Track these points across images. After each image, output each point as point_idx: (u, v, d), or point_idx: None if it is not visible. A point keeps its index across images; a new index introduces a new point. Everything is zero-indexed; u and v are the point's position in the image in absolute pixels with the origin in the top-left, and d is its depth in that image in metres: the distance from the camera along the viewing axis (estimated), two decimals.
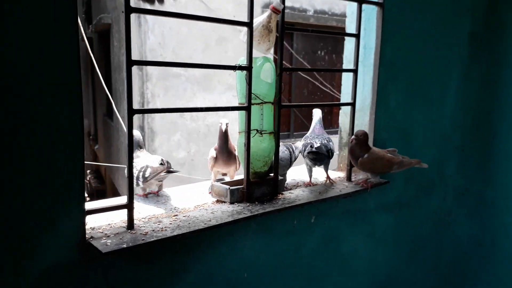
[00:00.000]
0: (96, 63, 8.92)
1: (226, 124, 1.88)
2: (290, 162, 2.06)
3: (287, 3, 7.35)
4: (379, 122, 2.28)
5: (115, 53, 7.35)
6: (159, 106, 5.78)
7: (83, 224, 1.37)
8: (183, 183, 2.19)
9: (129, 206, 1.49)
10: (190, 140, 6.14)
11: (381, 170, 2.12)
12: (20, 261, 1.26)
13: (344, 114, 2.36)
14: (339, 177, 2.33)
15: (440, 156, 2.75)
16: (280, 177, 1.94)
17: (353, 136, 2.03)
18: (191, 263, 1.65)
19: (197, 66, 1.59)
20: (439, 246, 2.92)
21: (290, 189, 2.06)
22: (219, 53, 6.52)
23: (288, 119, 7.95)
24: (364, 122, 2.30)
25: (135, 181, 1.72)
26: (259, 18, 1.76)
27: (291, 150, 2.09)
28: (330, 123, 7.87)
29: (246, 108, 1.73)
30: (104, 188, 9.80)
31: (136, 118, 6.20)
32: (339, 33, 2.40)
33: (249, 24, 1.68)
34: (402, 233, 2.64)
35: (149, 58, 5.79)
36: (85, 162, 1.51)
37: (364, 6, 2.21)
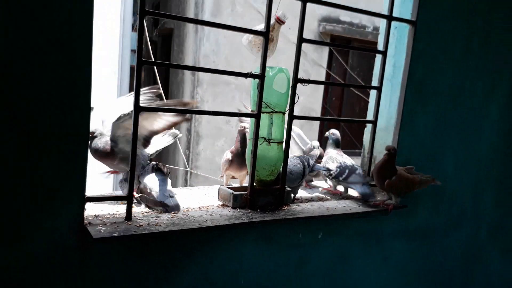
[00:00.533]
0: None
1: (245, 127, 1.91)
2: (302, 176, 2.03)
3: (346, 18, 7.24)
4: (403, 143, 2.19)
5: (174, 57, 7.68)
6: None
7: (82, 210, 1.45)
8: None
9: (129, 198, 1.56)
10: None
11: (405, 190, 2.06)
12: (22, 239, 1.36)
13: (369, 132, 2.30)
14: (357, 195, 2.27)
15: (475, 186, 2.59)
16: (288, 189, 1.93)
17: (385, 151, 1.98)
18: (185, 262, 1.68)
19: (207, 70, 1.64)
20: (466, 284, 2.73)
21: (301, 202, 2.04)
22: (271, 64, 6.60)
23: None
24: (387, 142, 2.23)
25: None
26: (261, 26, 1.76)
27: (305, 164, 2.06)
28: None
29: (255, 116, 1.75)
30: None
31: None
32: (366, 50, 2.37)
33: (265, 34, 1.70)
34: (423, 264, 2.50)
35: (202, 64, 5.99)
36: None
37: (396, 24, 2.16)
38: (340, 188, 2.24)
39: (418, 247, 2.43)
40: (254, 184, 1.83)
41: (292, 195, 2.02)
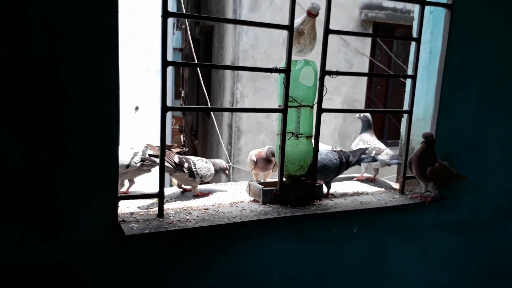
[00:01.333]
0: (202, 62, 9.53)
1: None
2: (336, 171, 1.99)
3: (389, 4, 6.98)
4: (442, 134, 2.10)
5: (215, 54, 7.78)
6: (247, 106, 5.98)
7: (116, 207, 1.52)
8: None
9: (160, 195, 1.61)
10: (275, 140, 6.24)
11: (444, 181, 2.01)
12: (61, 233, 1.44)
13: (406, 122, 2.22)
14: (395, 188, 2.21)
15: None
16: (320, 183, 1.91)
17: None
18: (215, 257, 1.71)
19: (229, 68, 1.64)
20: None
21: (335, 196, 2.02)
22: (311, 56, 6.53)
23: (382, 126, 7.61)
24: (425, 132, 2.13)
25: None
26: (295, 21, 1.74)
27: (343, 160, 2.01)
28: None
29: (282, 111, 1.74)
30: None
31: (226, 116, 6.50)
32: (399, 37, 2.28)
33: (289, 28, 1.68)
34: (468, 257, 2.38)
35: (241, 59, 6.03)
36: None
37: (432, 8, 2.07)
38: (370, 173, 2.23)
39: (461, 240, 2.32)
40: (284, 179, 1.83)
41: (326, 189, 2.00)
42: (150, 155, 1.80)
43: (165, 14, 1.48)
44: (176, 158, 1.83)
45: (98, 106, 1.41)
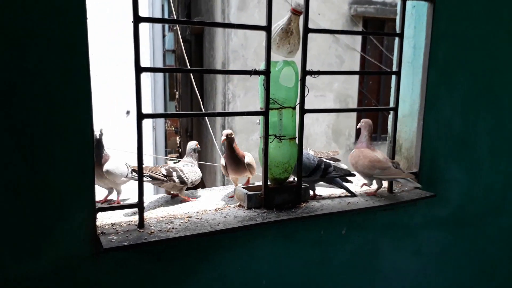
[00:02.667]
0: (193, 63, 9.52)
1: (226, 135, 1.87)
2: (311, 171, 1.93)
3: None
4: (429, 129, 2.06)
5: (206, 54, 7.74)
6: (239, 106, 5.95)
7: (94, 219, 1.48)
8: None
9: (140, 206, 1.57)
10: None
11: (361, 170, 1.98)
12: (36, 249, 1.40)
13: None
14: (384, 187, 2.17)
15: None
16: (305, 185, 1.87)
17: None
18: (199, 266, 1.67)
19: (212, 72, 1.60)
20: None
21: (322, 198, 1.98)
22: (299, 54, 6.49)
23: (375, 121, 7.58)
24: (412, 128, 2.11)
25: None
26: (280, 22, 1.71)
27: (321, 165, 1.93)
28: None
29: (263, 113, 1.70)
30: None
31: (219, 117, 6.46)
32: (381, 33, 2.24)
33: (267, 28, 1.64)
34: (462, 253, 2.36)
35: (231, 59, 5.98)
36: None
37: (414, 2, 2.04)
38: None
39: (453, 237, 2.29)
40: (269, 183, 1.79)
41: (311, 191, 1.96)
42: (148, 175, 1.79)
43: (136, 19, 1.44)
44: (163, 170, 1.82)
45: (71, 115, 1.37)
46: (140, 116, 1.51)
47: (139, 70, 1.47)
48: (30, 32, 1.26)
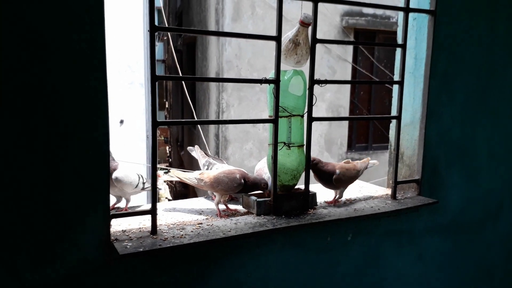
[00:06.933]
0: (184, 73, 9.54)
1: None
2: None
3: (369, 11, 7.10)
4: (431, 138, 2.12)
5: (199, 64, 7.77)
6: (233, 115, 5.98)
7: (108, 226, 1.48)
8: None
9: (152, 212, 1.58)
10: (262, 149, 6.25)
11: (350, 182, 2.06)
12: (53, 256, 1.40)
13: (394, 128, 2.24)
14: (386, 194, 2.21)
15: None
16: (313, 192, 1.91)
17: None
18: (212, 272, 1.69)
19: (222, 80, 1.64)
20: (510, 277, 2.61)
21: (328, 205, 2.01)
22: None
23: (367, 131, 7.69)
24: (414, 137, 2.16)
25: None
26: (289, 33, 1.75)
27: None
28: None
29: (273, 121, 1.73)
30: (187, 192, 10.37)
31: (212, 126, 6.48)
32: (384, 44, 2.30)
33: (277, 38, 1.69)
34: (462, 259, 2.41)
35: (225, 69, 6.03)
36: (171, 168, 1.63)
37: (416, 14, 2.10)
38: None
39: (455, 242, 2.34)
40: (278, 190, 1.82)
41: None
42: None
43: (153, 28, 1.47)
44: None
45: (87, 122, 1.38)
46: (155, 124, 1.52)
47: (154, 78, 1.49)
48: (55, 37, 1.28)
